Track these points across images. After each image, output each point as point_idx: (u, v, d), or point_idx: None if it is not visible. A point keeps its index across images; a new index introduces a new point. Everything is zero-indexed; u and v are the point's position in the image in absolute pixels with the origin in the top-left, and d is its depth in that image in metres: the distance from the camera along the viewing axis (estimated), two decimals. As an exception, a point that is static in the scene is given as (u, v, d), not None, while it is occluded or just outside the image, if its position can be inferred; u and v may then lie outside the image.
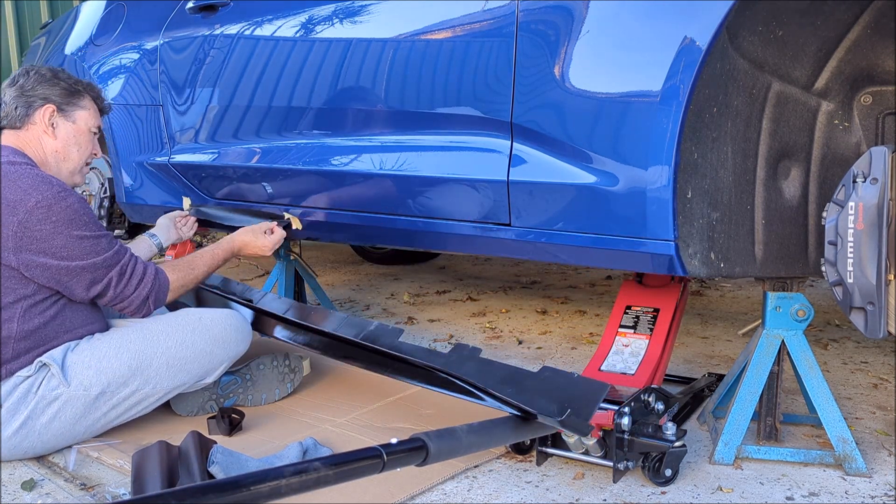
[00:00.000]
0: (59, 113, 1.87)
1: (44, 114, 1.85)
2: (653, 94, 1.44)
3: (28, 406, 1.66)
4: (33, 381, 1.67)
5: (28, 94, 1.84)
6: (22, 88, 1.85)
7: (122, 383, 1.75)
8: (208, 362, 1.85)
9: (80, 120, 1.91)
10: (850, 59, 1.58)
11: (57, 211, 1.67)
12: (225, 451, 1.53)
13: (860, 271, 1.43)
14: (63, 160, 1.89)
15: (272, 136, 2.31)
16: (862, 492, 1.51)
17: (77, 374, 1.70)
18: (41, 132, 1.86)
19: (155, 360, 1.78)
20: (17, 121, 1.84)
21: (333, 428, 1.84)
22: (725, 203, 1.53)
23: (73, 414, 1.70)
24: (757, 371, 1.65)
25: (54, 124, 1.87)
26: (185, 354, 1.81)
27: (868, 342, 2.53)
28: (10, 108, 1.84)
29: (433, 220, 1.93)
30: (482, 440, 1.31)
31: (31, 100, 1.84)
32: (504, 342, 2.64)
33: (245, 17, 2.36)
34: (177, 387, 1.83)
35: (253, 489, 0.97)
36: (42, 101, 1.85)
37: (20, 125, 1.84)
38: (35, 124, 1.85)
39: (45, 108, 1.85)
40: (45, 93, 1.86)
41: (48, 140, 1.86)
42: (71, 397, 1.69)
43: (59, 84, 1.88)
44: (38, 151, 1.86)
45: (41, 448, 1.71)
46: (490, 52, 1.72)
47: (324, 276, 3.86)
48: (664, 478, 1.54)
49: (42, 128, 1.85)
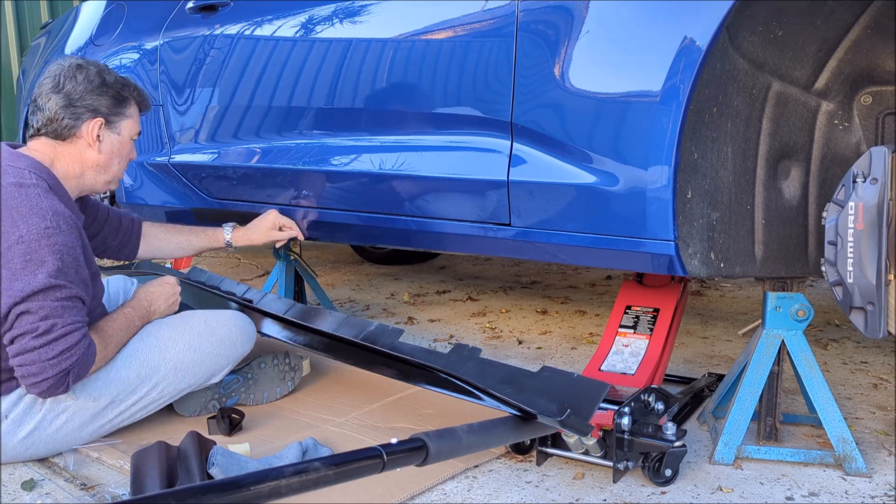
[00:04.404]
0: (105, 126, 1.76)
1: (92, 128, 1.74)
2: (653, 94, 1.44)
3: (35, 418, 1.65)
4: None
5: (76, 105, 1.72)
6: (69, 97, 1.71)
7: (130, 391, 1.74)
8: (214, 364, 1.85)
9: (124, 130, 1.81)
10: (850, 59, 1.58)
11: (35, 248, 1.54)
12: (225, 453, 1.53)
13: (860, 271, 1.43)
14: (103, 172, 1.79)
15: (272, 136, 2.31)
16: (862, 492, 1.51)
17: (85, 386, 1.68)
18: (85, 145, 1.75)
19: (163, 366, 1.77)
20: (62, 132, 1.72)
21: (333, 428, 1.84)
22: (725, 203, 1.53)
23: (80, 422, 1.70)
24: (757, 371, 1.65)
25: (101, 138, 1.76)
26: (192, 358, 1.80)
27: (868, 342, 2.53)
28: (56, 117, 1.71)
29: (433, 220, 1.93)
30: (482, 440, 1.31)
31: (78, 111, 1.72)
32: (504, 342, 2.64)
33: (245, 18, 2.36)
34: (184, 389, 1.83)
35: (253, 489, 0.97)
36: (90, 115, 1.73)
37: (65, 137, 1.73)
38: (80, 137, 1.74)
39: (93, 122, 1.74)
40: (94, 104, 1.74)
41: (91, 153, 1.75)
42: (79, 408, 1.68)
43: (107, 92, 1.75)
44: (74, 164, 1.75)
45: (45, 452, 1.70)
46: (490, 52, 1.72)
47: (324, 276, 3.86)
48: (664, 478, 1.54)
49: (87, 141, 1.74)
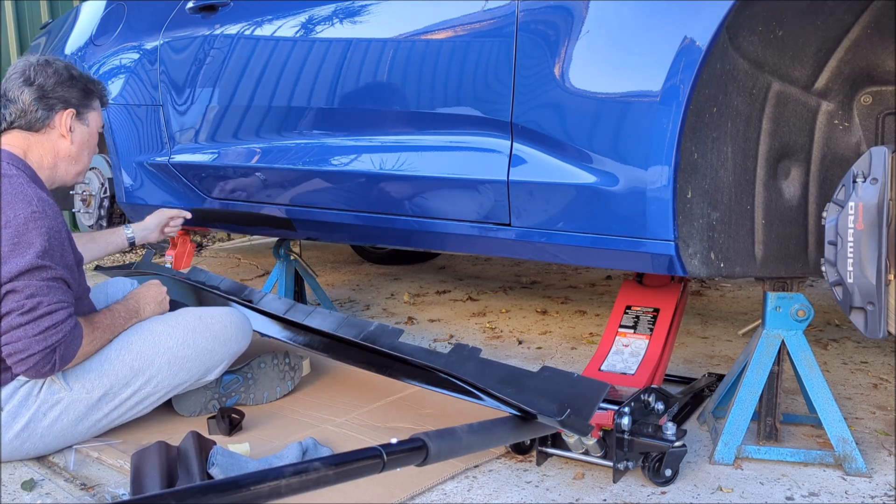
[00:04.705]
0: (76, 117, 1.82)
1: (65, 119, 1.79)
2: (653, 94, 1.44)
3: (29, 410, 1.66)
4: (33, 385, 1.66)
5: (48, 97, 1.77)
6: (42, 89, 1.77)
7: (124, 384, 1.74)
8: (210, 360, 1.85)
9: (92, 122, 1.88)
10: (850, 59, 1.58)
11: (23, 231, 1.57)
12: (225, 453, 1.53)
13: (860, 271, 1.43)
14: (74, 163, 1.84)
15: (272, 136, 2.31)
16: (862, 492, 1.51)
17: (78, 378, 1.70)
18: (58, 136, 1.80)
19: (157, 360, 1.77)
20: (35, 123, 1.77)
21: (333, 428, 1.84)
22: (725, 203, 1.53)
23: (75, 416, 1.70)
24: (757, 371, 1.65)
25: (72, 128, 1.81)
26: (186, 353, 1.81)
27: (868, 342, 2.53)
28: (29, 108, 1.76)
29: (433, 220, 1.93)
30: (482, 440, 1.31)
31: (51, 102, 1.77)
32: (504, 342, 2.64)
33: (245, 18, 2.36)
34: (179, 385, 1.83)
35: (253, 489, 0.97)
36: (62, 105, 1.79)
37: (39, 128, 1.77)
38: (54, 128, 1.79)
39: (65, 112, 1.79)
40: (65, 95, 1.80)
41: (64, 144, 1.81)
42: (73, 401, 1.69)
43: (76, 85, 1.82)
44: (48, 155, 1.80)
45: (43, 449, 1.70)
46: (490, 52, 1.72)
47: (324, 276, 3.86)
48: (664, 478, 1.54)
49: (61, 132, 1.80)
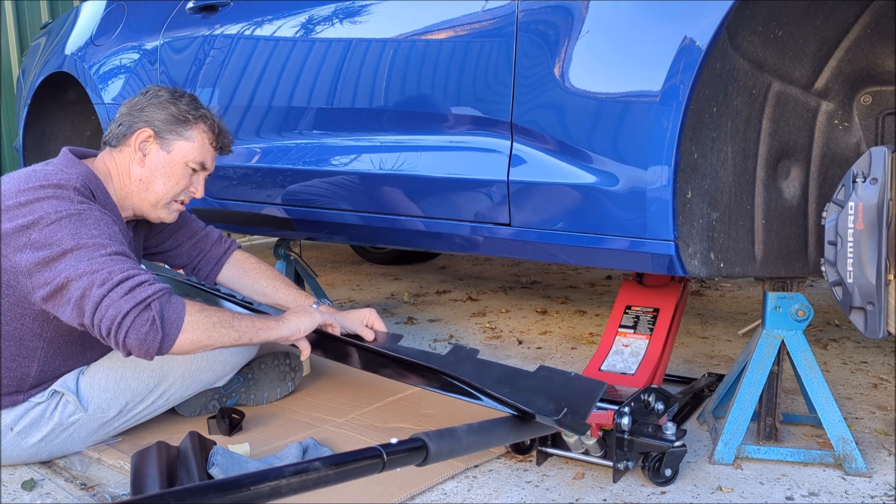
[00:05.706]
0: (155, 139, 1.73)
1: (138, 137, 1.72)
2: (653, 94, 1.44)
3: (42, 431, 1.65)
4: (46, 406, 1.64)
5: (134, 114, 1.73)
6: (133, 106, 1.74)
7: (139, 401, 1.74)
8: (221, 369, 1.84)
9: (176, 151, 1.74)
10: (850, 59, 1.58)
11: (26, 212, 1.49)
12: (225, 453, 1.53)
13: (860, 271, 1.43)
14: (146, 190, 1.74)
15: (272, 136, 2.31)
16: (862, 492, 1.51)
17: (94, 399, 1.68)
18: (131, 155, 1.73)
19: (171, 374, 1.76)
20: (114, 139, 1.73)
21: (333, 428, 1.84)
22: (725, 203, 1.53)
23: (88, 430, 1.70)
24: (757, 371, 1.65)
25: (145, 151, 1.73)
26: (199, 365, 1.79)
27: (868, 342, 2.53)
28: (115, 124, 1.74)
29: (433, 220, 1.93)
30: (482, 440, 1.31)
31: (134, 120, 1.72)
32: (504, 342, 2.64)
33: (245, 18, 2.36)
34: (189, 394, 1.83)
35: (253, 489, 0.97)
36: (143, 124, 1.72)
37: (116, 144, 1.73)
38: (128, 146, 1.73)
39: (141, 131, 1.72)
40: (151, 116, 1.73)
41: (136, 167, 1.73)
42: (88, 419, 1.68)
43: (169, 109, 1.73)
44: (123, 176, 1.73)
45: (47, 457, 1.70)
46: (490, 52, 1.72)
47: (324, 276, 3.86)
48: (664, 478, 1.54)
49: (133, 150, 1.73)
